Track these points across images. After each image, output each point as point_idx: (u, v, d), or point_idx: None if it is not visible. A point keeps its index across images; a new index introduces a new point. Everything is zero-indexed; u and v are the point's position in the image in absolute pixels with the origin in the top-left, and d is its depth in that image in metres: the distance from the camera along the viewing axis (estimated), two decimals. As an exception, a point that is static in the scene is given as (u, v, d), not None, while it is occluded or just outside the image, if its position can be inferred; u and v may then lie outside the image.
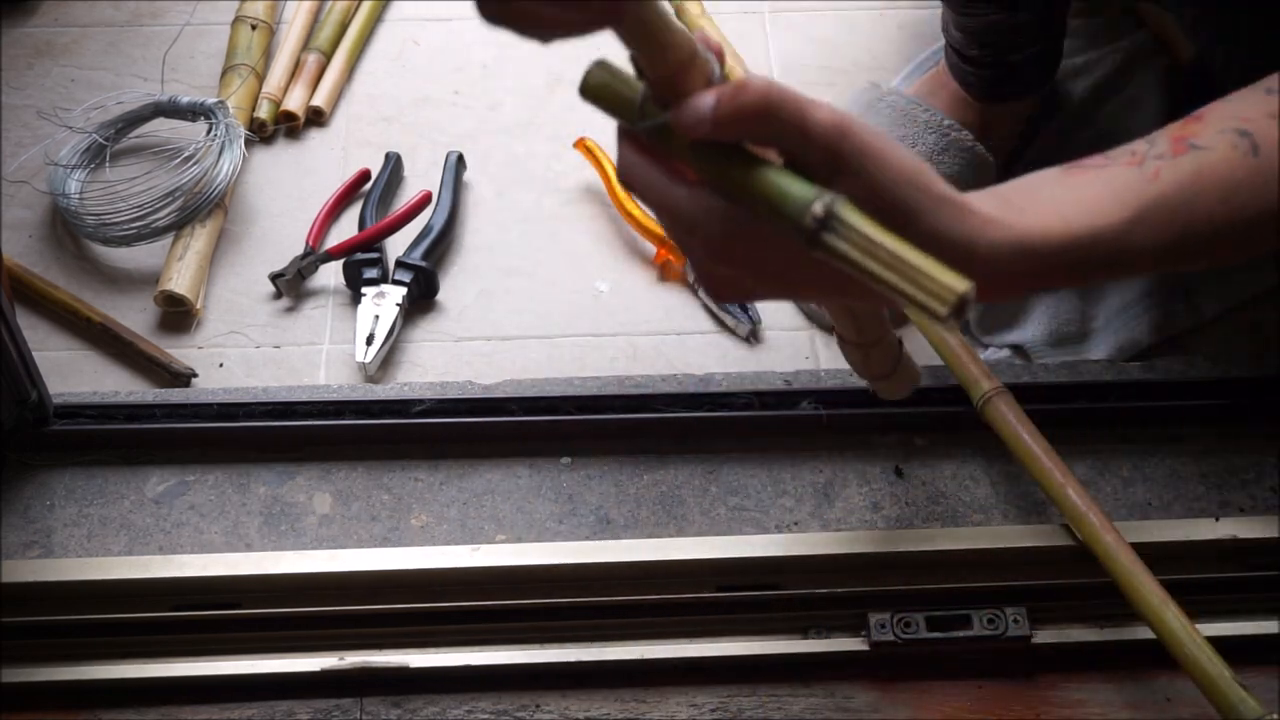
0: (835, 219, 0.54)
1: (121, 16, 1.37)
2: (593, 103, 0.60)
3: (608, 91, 0.59)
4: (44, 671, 0.89)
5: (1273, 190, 0.62)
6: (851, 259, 0.54)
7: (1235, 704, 0.80)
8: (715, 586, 0.92)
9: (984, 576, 0.92)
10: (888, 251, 0.53)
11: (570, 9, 0.52)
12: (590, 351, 1.13)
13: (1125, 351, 1.09)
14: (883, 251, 0.53)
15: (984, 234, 0.58)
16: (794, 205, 0.55)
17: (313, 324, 1.14)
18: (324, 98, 1.28)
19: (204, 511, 0.96)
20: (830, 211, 0.54)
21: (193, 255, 1.14)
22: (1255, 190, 0.62)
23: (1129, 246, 0.61)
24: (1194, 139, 0.63)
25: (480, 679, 0.90)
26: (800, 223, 0.54)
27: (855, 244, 0.54)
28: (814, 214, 0.54)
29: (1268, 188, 0.62)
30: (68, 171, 1.19)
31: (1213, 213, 0.62)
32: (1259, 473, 0.99)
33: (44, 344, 1.11)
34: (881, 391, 0.90)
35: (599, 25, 0.54)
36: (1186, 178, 0.62)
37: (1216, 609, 0.91)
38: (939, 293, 0.52)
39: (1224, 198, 0.62)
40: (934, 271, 0.52)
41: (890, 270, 0.53)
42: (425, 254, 1.15)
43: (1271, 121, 0.63)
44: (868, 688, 0.90)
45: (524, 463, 0.99)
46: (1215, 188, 0.62)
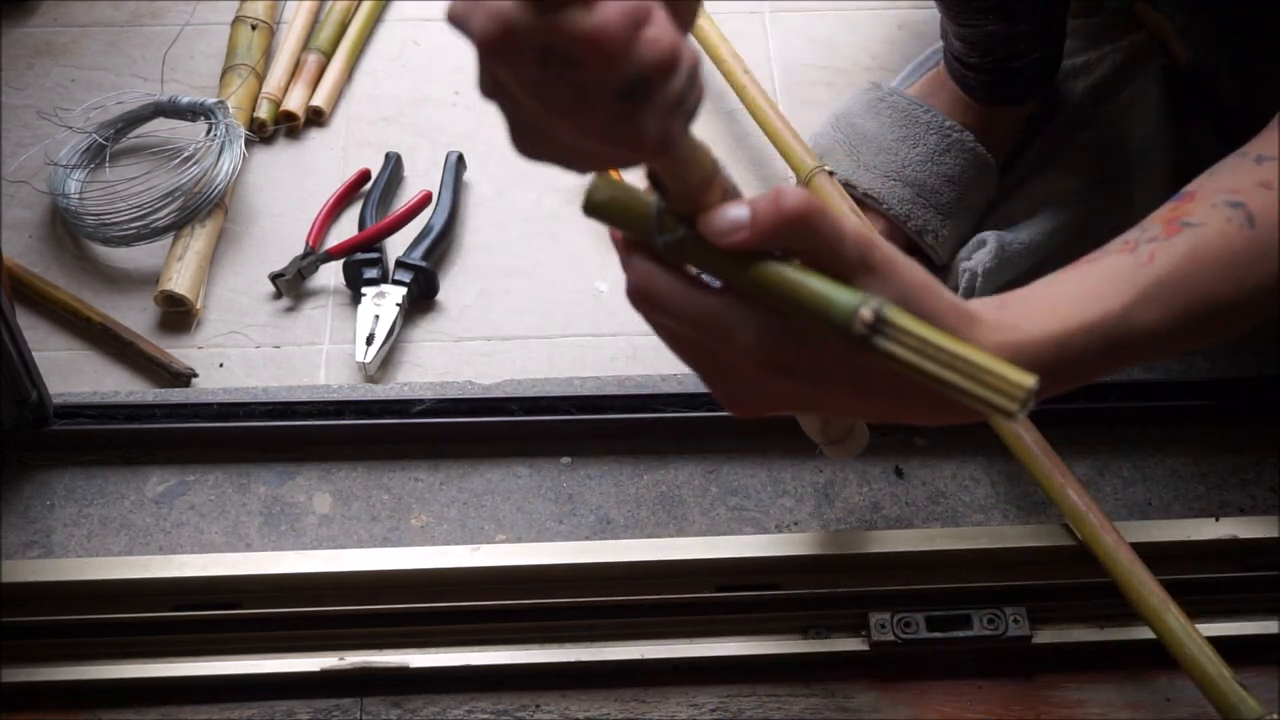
0: (885, 322, 0.52)
1: (121, 16, 1.37)
2: (598, 219, 0.58)
3: (616, 206, 0.57)
4: (44, 671, 0.89)
5: (1273, 261, 0.62)
6: (908, 361, 0.52)
7: (1235, 704, 0.80)
8: (715, 586, 0.92)
9: (984, 576, 0.92)
10: (947, 352, 0.52)
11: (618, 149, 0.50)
12: (590, 351, 1.13)
13: (1125, 352, 1.08)
14: (941, 353, 0.52)
15: (989, 340, 0.59)
16: (841, 311, 0.53)
17: (313, 324, 1.14)
18: (324, 98, 1.28)
19: (204, 511, 0.96)
20: (879, 315, 0.52)
21: (193, 255, 1.14)
22: (1254, 261, 0.62)
23: (1129, 331, 0.60)
24: (1187, 218, 0.63)
25: (480, 679, 0.90)
26: (849, 328, 0.53)
27: (910, 346, 0.52)
28: (863, 319, 0.52)
29: (1267, 258, 0.62)
30: (67, 171, 1.19)
31: (1213, 289, 0.61)
32: (1259, 473, 0.99)
33: (44, 344, 1.11)
34: (834, 454, 0.90)
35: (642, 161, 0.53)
36: (1183, 257, 0.61)
37: (1216, 609, 0.91)
38: (1007, 390, 0.51)
39: (1223, 273, 0.61)
40: (999, 369, 0.51)
41: (951, 371, 0.52)
42: (425, 254, 1.15)
43: (1264, 191, 0.63)
44: (868, 688, 0.90)
45: (524, 463, 0.99)
46: (1213, 264, 0.61)
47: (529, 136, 0.51)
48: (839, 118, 1.17)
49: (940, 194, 1.11)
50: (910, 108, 1.14)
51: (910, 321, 0.53)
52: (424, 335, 1.14)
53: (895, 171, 1.11)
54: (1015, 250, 1.10)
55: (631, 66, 0.45)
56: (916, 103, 1.14)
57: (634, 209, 0.57)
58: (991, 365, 0.51)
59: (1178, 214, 0.63)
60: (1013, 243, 1.10)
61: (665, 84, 0.47)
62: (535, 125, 0.50)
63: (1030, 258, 1.11)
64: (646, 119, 0.47)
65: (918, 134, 1.12)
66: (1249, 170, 0.64)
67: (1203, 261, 0.61)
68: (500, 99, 0.49)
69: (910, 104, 1.14)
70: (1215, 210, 0.62)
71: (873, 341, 0.53)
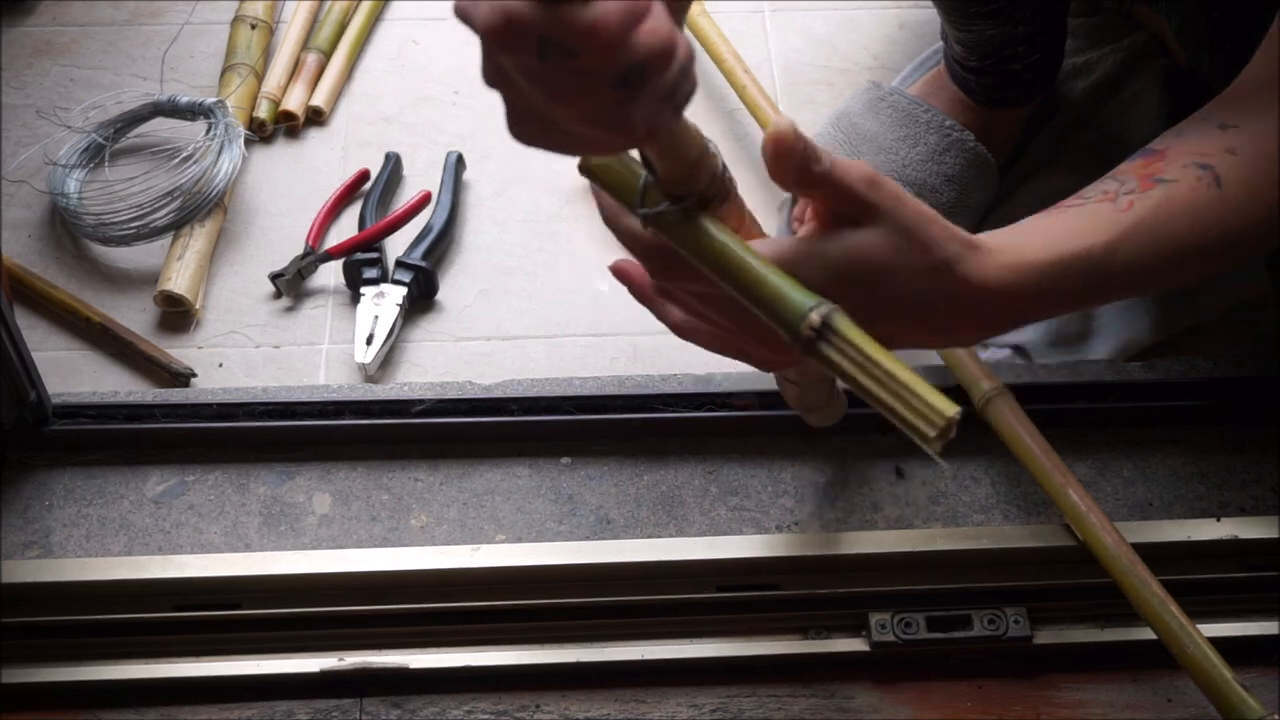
0: (831, 330, 0.55)
1: (120, 16, 1.37)
2: (590, 179, 0.61)
3: (607, 172, 0.60)
4: (43, 671, 0.89)
5: (1235, 220, 0.69)
6: (844, 370, 0.55)
7: (1236, 705, 0.80)
8: (715, 586, 0.92)
9: (984, 577, 0.92)
10: (881, 369, 0.54)
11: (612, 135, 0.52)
12: (590, 351, 1.13)
13: (1126, 351, 1.08)
14: (876, 368, 0.54)
15: (991, 261, 0.64)
16: (794, 311, 0.56)
17: (312, 324, 1.14)
18: (323, 97, 1.28)
19: (203, 511, 0.96)
20: (826, 322, 0.55)
21: (192, 255, 1.14)
22: (1219, 218, 0.69)
23: (1111, 267, 0.66)
24: (1160, 175, 0.69)
25: (480, 679, 0.90)
26: (797, 329, 0.55)
27: (849, 357, 0.55)
28: (810, 323, 0.55)
29: (1230, 216, 0.69)
30: (67, 171, 1.19)
31: (1182, 237, 0.68)
32: (1260, 473, 0.99)
33: (43, 344, 1.11)
34: (812, 421, 0.91)
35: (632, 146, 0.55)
36: (1157, 206, 0.68)
37: (1217, 609, 0.91)
38: (928, 415, 0.53)
39: (1190, 224, 0.68)
40: (925, 394, 0.54)
41: (881, 387, 0.54)
42: (425, 254, 1.15)
43: (1229, 156, 0.69)
44: (868, 688, 0.90)
45: (524, 463, 0.99)
46: (1183, 215, 0.68)
47: (527, 122, 0.53)
48: (839, 117, 1.17)
49: (940, 193, 1.11)
50: (910, 107, 1.14)
51: (856, 335, 0.55)
52: (424, 335, 1.14)
53: (895, 171, 1.11)
54: (1016, 250, 1.10)
55: (628, 57, 0.47)
56: (917, 102, 1.14)
57: (623, 178, 0.60)
58: (921, 390, 0.54)
59: (1151, 170, 0.70)
60: (1013, 243, 1.10)
61: (660, 74, 0.48)
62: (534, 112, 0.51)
63: (1030, 258, 1.11)
64: (638, 107, 0.49)
65: (918, 133, 1.12)
66: (1215, 136, 0.71)
67: (1174, 213, 0.68)
68: (502, 87, 0.51)
69: (911, 103, 1.14)
70: (1186, 170, 0.69)
71: (816, 346, 0.55)
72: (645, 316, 1.16)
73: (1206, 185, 0.69)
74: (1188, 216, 0.68)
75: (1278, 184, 0.70)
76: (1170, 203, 0.68)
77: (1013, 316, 0.67)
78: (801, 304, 0.56)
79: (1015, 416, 0.92)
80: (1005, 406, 0.92)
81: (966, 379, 0.95)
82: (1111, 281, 0.67)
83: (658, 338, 1.14)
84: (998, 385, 0.93)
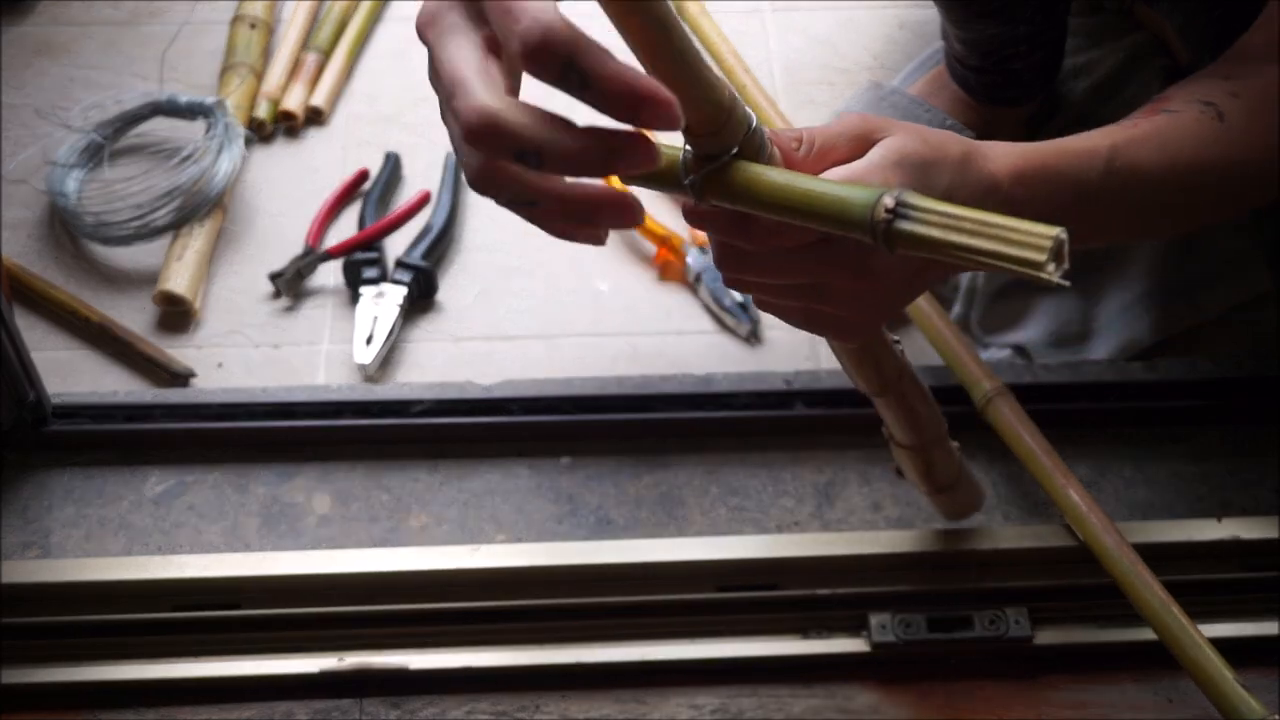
0: (908, 205, 0.54)
1: (120, 15, 1.37)
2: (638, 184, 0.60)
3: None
4: (43, 672, 0.89)
5: (1236, 153, 0.72)
6: (936, 239, 0.53)
7: (1237, 705, 0.80)
8: (715, 587, 0.92)
9: (985, 577, 0.92)
10: (971, 220, 0.52)
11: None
12: (590, 351, 1.13)
13: (1126, 351, 1.08)
14: (966, 221, 0.53)
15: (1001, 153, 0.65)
16: (861, 205, 0.54)
17: (312, 324, 1.14)
18: (323, 97, 1.28)
19: (203, 512, 0.96)
20: (901, 200, 0.54)
21: (192, 255, 1.14)
22: (1220, 150, 0.71)
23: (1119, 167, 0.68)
24: (1165, 106, 0.72)
25: (480, 680, 0.90)
26: (873, 218, 0.54)
27: (934, 224, 0.53)
28: (884, 205, 0.54)
29: (1230, 150, 0.72)
30: (66, 171, 1.19)
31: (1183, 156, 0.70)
32: (1261, 473, 0.99)
33: (42, 344, 1.11)
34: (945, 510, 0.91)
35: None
36: (1164, 125, 0.70)
37: (1218, 610, 0.90)
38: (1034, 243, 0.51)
39: (1194, 150, 0.70)
40: (1022, 225, 0.52)
41: (979, 237, 0.52)
42: (425, 254, 1.15)
43: (1233, 99, 0.72)
44: (868, 688, 0.90)
45: (524, 463, 0.99)
46: (1187, 140, 0.71)
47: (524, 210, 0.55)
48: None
49: (941, 193, 1.11)
50: (911, 107, 1.13)
51: (933, 202, 0.54)
52: (423, 335, 1.14)
53: (896, 171, 1.11)
54: (1016, 250, 1.10)
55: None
56: (918, 101, 1.14)
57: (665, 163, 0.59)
58: (1016, 224, 0.52)
59: (1158, 105, 0.73)
60: (1014, 243, 1.10)
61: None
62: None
63: (1031, 258, 1.11)
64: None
65: (919, 133, 1.12)
66: (1219, 84, 0.74)
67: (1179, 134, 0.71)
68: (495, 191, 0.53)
69: (911, 103, 1.14)
70: (1190, 105, 0.72)
71: (897, 227, 0.54)
72: (645, 316, 1.16)
73: (1210, 118, 0.71)
74: (1192, 139, 0.70)
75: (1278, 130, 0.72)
76: (1176, 126, 0.70)
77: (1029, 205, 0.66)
78: (868, 196, 0.54)
79: (1016, 416, 0.92)
80: (1006, 406, 0.92)
81: (967, 379, 0.94)
82: (1118, 179, 0.68)
83: (658, 338, 1.14)
84: (998, 385, 0.93)
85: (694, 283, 1.15)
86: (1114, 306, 1.11)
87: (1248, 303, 1.12)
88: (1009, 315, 1.12)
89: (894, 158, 0.61)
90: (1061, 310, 1.11)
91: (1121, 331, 1.09)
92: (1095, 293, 1.12)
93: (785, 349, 1.12)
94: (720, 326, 1.14)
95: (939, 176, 0.62)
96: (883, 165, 0.61)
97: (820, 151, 0.62)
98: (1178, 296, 1.11)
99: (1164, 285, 1.11)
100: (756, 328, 1.13)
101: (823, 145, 0.62)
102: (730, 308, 1.13)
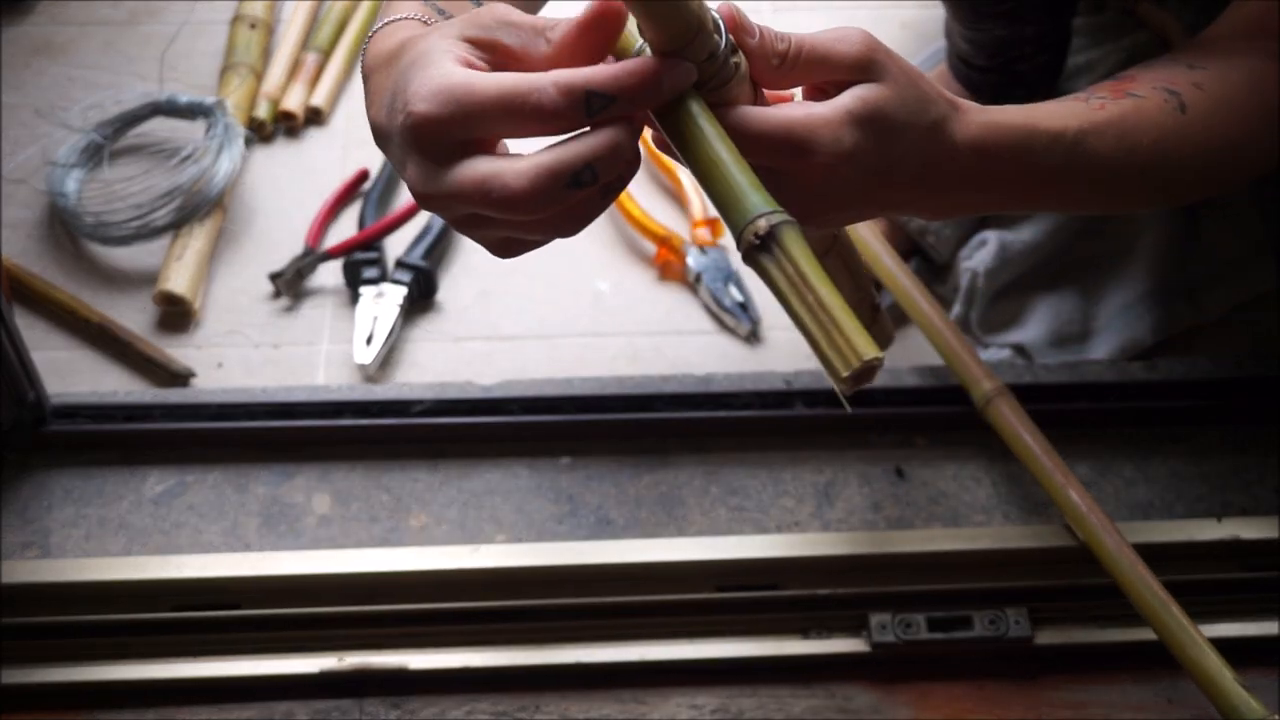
0: (776, 242, 0.53)
1: (120, 15, 1.37)
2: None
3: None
4: (43, 672, 0.89)
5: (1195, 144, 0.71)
6: (778, 286, 0.53)
7: (1237, 705, 0.80)
8: (715, 587, 0.92)
9: (985, 577, 0.92)
10: (815, 295, 0.52)
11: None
12: (590, 351, 1.13)
13: (1127, 351, 1.08)
14: (810, 293, 0.52)
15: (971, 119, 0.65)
16: (745, 212, 0.54)
17: (312, 324, 1.14)
18: (323, 97, 1.28)
19: (203, 512, 0.96)
20: (773, 233, 0.53)
21: (191, 255, 1.14)
22: (1180, 140, 0.71)
23: (1078, 152, 0.67)
24: (1131, 90, 0.71)
25: (480, 680, 0.90)
26: (743, 232, 0.53)
27: (785, 274, 0.53)
28: (756, 228, 0.53)
29: (1191, 141, 0.71)
30: (66, 170, 1.19)
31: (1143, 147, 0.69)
32: (1261, 473, 0.99)
33: (42, 344, 1.11)
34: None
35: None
36: (1127, 112, 0.70)
37: (1218, 610, 0.90)
38: (846, 353, 0.51)
39: (1155, 139, 0.70)
40: (850, 332, 0.51)
41: (809, 313, 0.52)
42: (425, 254, 1.15)
43: (1195, 90, 0.72)
44: (868, 689, 0.90)
45: (524, 463, 0.99)
46: (1149, 128, 0.70)
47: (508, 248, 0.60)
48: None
49: (942, 192, 1.11)
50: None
51: (800, 253, 0.53)
52: (423, 335, 1.13)
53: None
54: (1016, 250, 1.10)
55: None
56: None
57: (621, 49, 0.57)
58: (847, 327, 0.51)
59: (1122, 87, 0.72)
60: (1014, 242, 1.10)
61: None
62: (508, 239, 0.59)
63: (1031, 257, 1.11)
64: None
65: (919, 132, 1.12)
66: (1183, 72, 0.73)
67: (1141, 123, 0.70)
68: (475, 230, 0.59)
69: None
70: (1155, 91, 0.71)
71: (755, 254, 0.53)
72: (645, 316, 1.16)
73: (1173, 108, 0.71)
74: (1153, 129, 0.70)
75: (1238, 124, 0.72)
76: (1138, 113, 0.70)
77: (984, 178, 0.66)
78: (754, 208, 0.53)
79: (1016, 416, 0.92)
80: (1006, 406, 0.92)
81: (967, 379, 0.94)
82: (1077, 166, 0.68)
83: (658, 338, 1.14)
84: (998, 385, 0.93)
85: (694, 283, 1.15)
86: (1114, 306, 1.11)
87: (1248, 303, 1.12)
88: (1009, 315, 1.12)
89: (862, 113, 0.59)
90: (1061, 310, 1.11)
91: (1122, 331, 1.09)
92: (1095, 293, 1.12)
93: (785, 349, 1.12)
94: (720, 326, 1.14)
95: (897, 143, 0.61)
96: (842, 121, 0.59)
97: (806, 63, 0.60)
98: (1178, 297, 1.11)
99: (1164, 285, 1.11)
100: (756, 328, 1.13)
101: (809, 57, 0.60)
102: (730, 308, 1.12)
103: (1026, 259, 1.11)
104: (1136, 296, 1.11)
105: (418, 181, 0.56)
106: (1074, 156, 0.67)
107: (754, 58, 0.59)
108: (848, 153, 0.59)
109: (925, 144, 0.62)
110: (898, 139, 0.61)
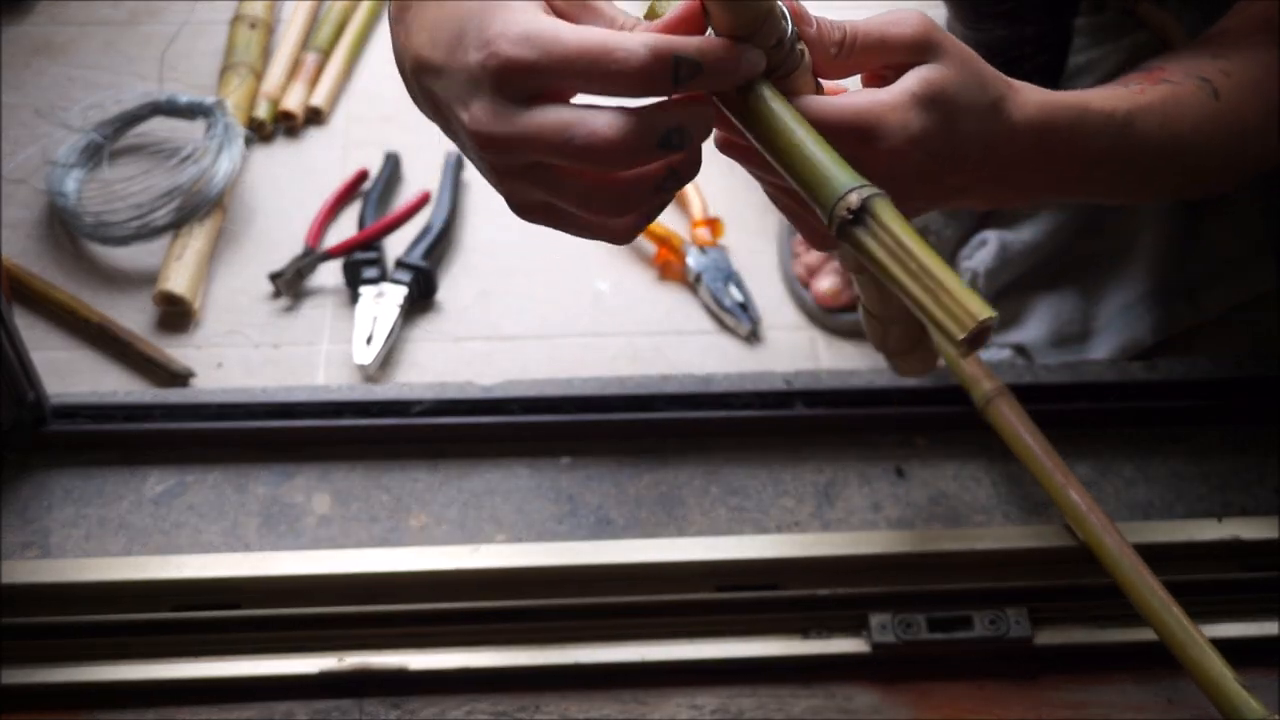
0: (870, 214, 0.52)
1: (119, 15, 1.37)
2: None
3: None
4: (43, 672, 0.89)
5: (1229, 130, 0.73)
6: (878, 259, 0.52)
7: (1238, 706, 0.80)
8: (715, 587, 0.91)
9: (985, 577, 0.91)
10: (917, 261, 0.51)
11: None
12: (590, 351, 1.13)
13: (1127, 351, 1.08)
14: (911, 260, 0.51)
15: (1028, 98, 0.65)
16: (833, 189, 0.53)
17: (312, 324, 1.14)
18: (323, 97, 1.28)
19: (203, 512, 0.96)
20: (866, 205, 0.52)
21: (191, 255, 1.14)
22: (1216, 127, 0.73)
23: (1128, 135, 0.69)
24: (1165, 78, 0.73)
25: (480, 680, 0.90)
26: (833, 209, 0.52)
27: (884, 244, 0.52)
28: (848, 203, 0.52)
29: (1224, 127, 0.73)
30: (66, 170, 1.19)
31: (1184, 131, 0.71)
32: (1261, 473, 0.99)
33: (42, 344, 1.11)
34: (899, 370, 0.92)
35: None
36: (1166, 97, 0.71)
37: (1219, 610, 0.90)
38: (960, 315, 0.50)
39: (1192, 124, 0.72)
40: (959, 293, 0.50)
41: (915, 280, 0.51)
42: (425, 254, 1.15)
43: (1225, 78, 0.73)
44: (868, 689, 0.90)
45: (524, 463, 0.99)
46: (1186, 113, 0.72)
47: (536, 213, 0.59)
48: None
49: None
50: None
51: (895, 221, 0.52)
52: (423, 335, 1.14)
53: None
54: (1017, 250, 1.10)
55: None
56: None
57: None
58: (955, 289, 0.50)
59: (1156, 76, 0.74)
60: (1014, 242, 1.10)
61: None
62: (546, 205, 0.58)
63: (1031, 257, 1.11)
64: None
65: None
66: (1209, 61, 0.75)
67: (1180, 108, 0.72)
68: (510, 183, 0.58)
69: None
70: (1189, 79, 0.73)
71: (849, 229, 0.52)
72: (645, 316, 1.16)
73: (1206, 94, 0.72)
74: (1192, 115, 0.71)
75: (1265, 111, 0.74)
76: (1176, 99, 0.71)
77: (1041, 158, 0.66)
78: (842, 184, 0.52)
79: (1016, 416, 0.92)
80: (1006, 406, 0.92)
81: (967, 379, 0.94)
82: (1124, 147, 0.69)
83: (658, 338, 1.14)
84: (998, 385, 0.93)
85: (694, 283, 1.15)
86: (1114, 306, 1.11)
87: (1248, 303, 1.12)
88: (1009, 315, 1.12)
89: (926, 95, 0.59)
90: (1062, 310, 1.11)
91: (1122, 331, 1.09)
92: (1095, 292, 1.12)
93: (785, 349, 1.12)
94: (720, 326, 1.14)
95: (965, 122, 0.60)
96: (909, 104, 0.58)
97: (863, 49, 0.60)
98: (1178, 296, 1.11)
99: (1164, 285, 1.11)
100: (756, 328, 1.13)
101: (865, 43, 0.60)
102: (730, 308, 1.12)
103: (1027, 259, 1.10)
104: (1136, 296, 1.11)
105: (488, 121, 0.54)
106: (1123, 138, 0.68)
107: (813, 47, 0.58)
108: (916, 136, 0.58)
109: (987, 124, 0.62)
110: (961, 119, 0.60)
